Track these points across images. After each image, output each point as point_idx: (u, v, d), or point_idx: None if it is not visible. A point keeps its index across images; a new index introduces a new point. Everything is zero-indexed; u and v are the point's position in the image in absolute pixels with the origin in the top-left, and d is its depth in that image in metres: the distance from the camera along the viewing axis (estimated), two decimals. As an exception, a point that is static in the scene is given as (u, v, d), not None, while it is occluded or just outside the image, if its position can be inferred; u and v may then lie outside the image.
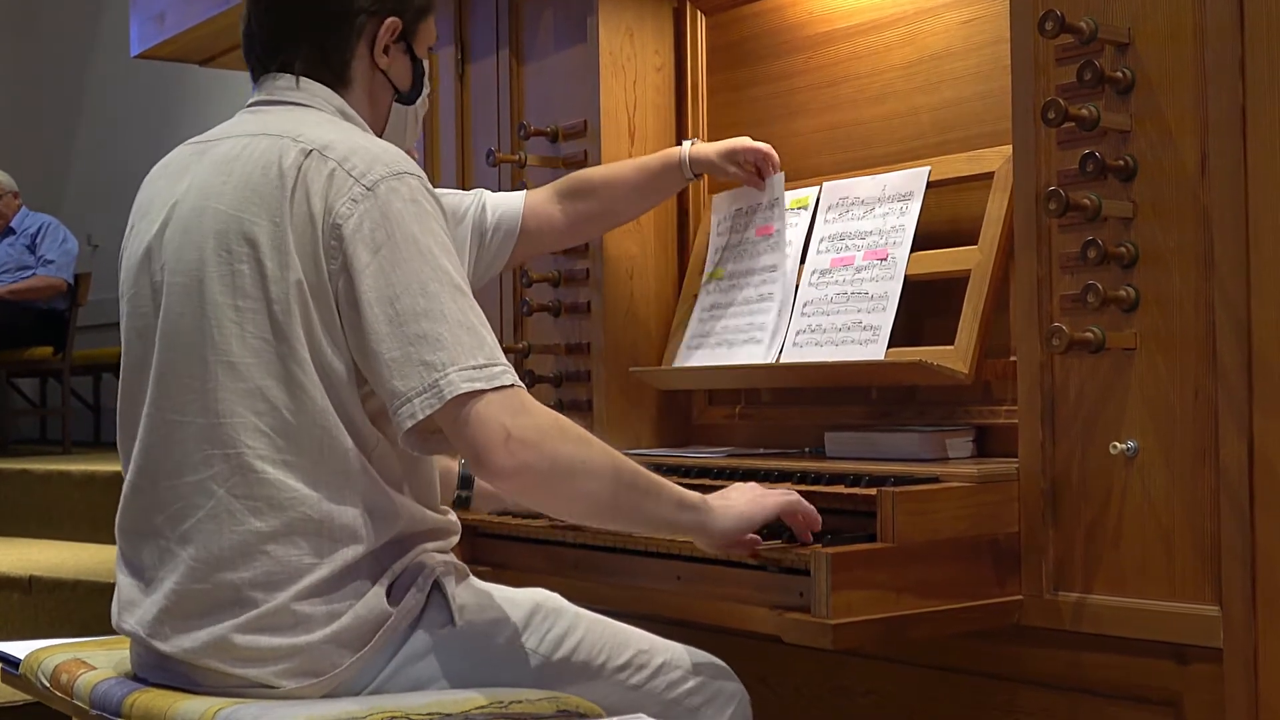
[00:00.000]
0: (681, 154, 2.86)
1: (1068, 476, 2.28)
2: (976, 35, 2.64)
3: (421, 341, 1.96)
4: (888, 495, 2.21)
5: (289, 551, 2.02)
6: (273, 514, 2.01)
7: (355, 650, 2.03)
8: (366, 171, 2.03)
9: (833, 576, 2.14)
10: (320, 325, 2.02)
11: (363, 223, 2.00)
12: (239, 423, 2.03)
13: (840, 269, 2.73)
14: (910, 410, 2.71)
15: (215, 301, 2.05)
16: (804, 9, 2.95)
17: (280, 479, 2.01)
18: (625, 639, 2.20)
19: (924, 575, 2.24)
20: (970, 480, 2.30)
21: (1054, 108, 2.19)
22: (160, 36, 4.45)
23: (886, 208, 2.69)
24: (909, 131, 2.75)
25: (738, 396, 3.05)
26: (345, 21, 2.19)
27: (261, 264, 2.03)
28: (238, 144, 2.12)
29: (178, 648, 2.05)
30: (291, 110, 2.17)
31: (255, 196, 2.05)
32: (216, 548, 2.03)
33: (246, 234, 2.04)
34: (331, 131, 2.10)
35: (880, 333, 2.60)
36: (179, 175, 2.18)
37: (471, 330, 1.98)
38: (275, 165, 2.05)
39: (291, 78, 2.20)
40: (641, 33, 3.14)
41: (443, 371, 1.95)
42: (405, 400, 1.96)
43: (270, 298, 2.02)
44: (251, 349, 2.03)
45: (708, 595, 2.39)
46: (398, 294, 1.98)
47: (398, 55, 2.25)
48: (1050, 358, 2.30)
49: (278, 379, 2.02)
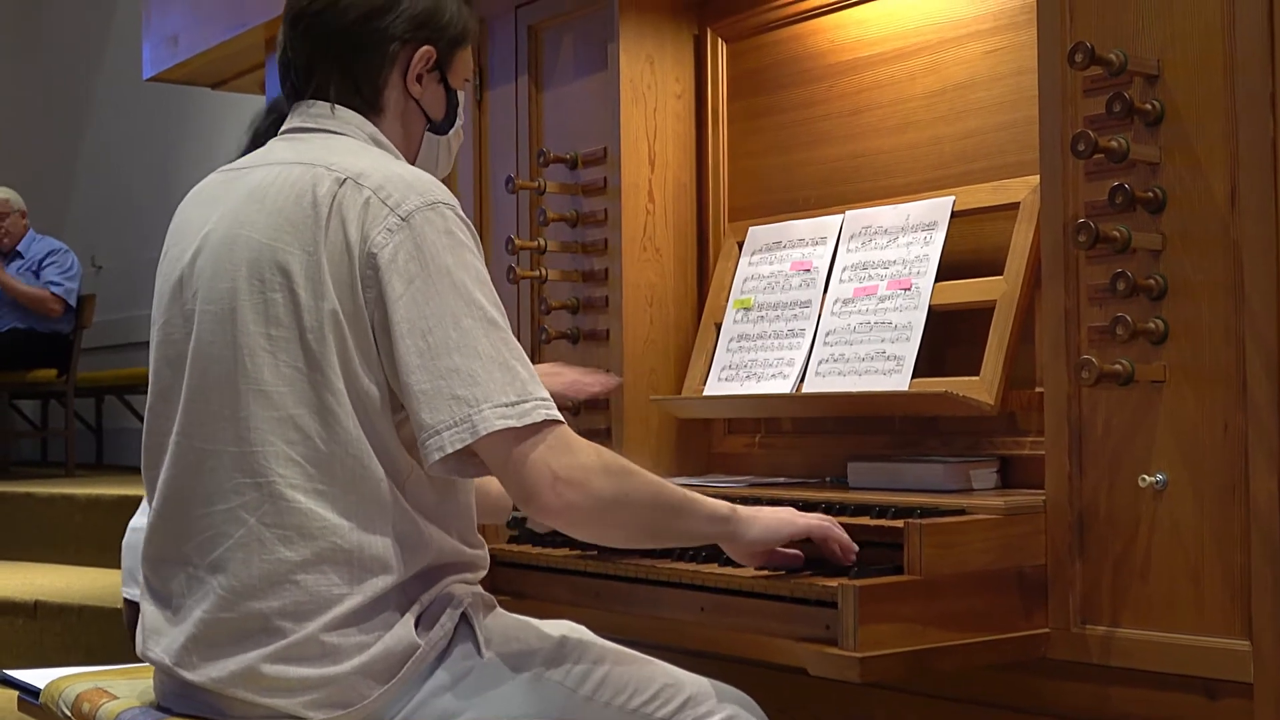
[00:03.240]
0: None
1: (1095, 509, 2.27)
2: (1000, 65, 2.64)
3: (453, 375, 1.96)
4: (915, 528, 2.20)
5: (319, 581, 2.00)
6: (303, 543, 2.00)
7: (383, 682, 2.01)
8: (401, 201, 2.02)
9: (860, 609, 2.13)
10: (356, 353, 2.01)
11: (397, 253, 1.99)
12: (271, 451, 2.02)
13: (863, 298, 2.72)
14: (934, 440, 2.70)
15: (248, 330, 2.04)
16: (826, 37, 2.95)
17: (311, 508, 2.01)
18: (651, 673, 2.19)
19: (951, 608, 2.23)
20: (997, 512, 2.29)
21: (1084, 139, 2.19)
22: (173, 60, 4.46)
23: (910, 237, 2.69)
24: (932, 161, 2.75)
25: (757, 425, 3.05)
26: (378, 49, 2.18)
27: (295, 293, 2.02)
28: (271, 172, 2.12)
29: (205, 677, 2.03)
30: (325, 138, 2.16)
31: (289, 225, 2.05)
32: (246, 576, 2.02)
33: (279, 263, 2.03)
34: (365, 159, 2.10)
35: (904, 363, 2.59)
36: (211, 203, 2.18)
37: (504, 365, 1.98)
38: (309, 194, 2.05)
39: (325, 105, 2.19)
40: (662, 60, 3.14)
41: (476, 407, 1.95)
42: (434, 433, 1.96)
43: (304, 326, 2.01)
44: (284, 378, 2.02)
45: (732, 626, 2.37)
46: (430, 327, 1.97)
47: (431, 85, 2.24)
48: (1078, 389, 2.29)
49: (310, 408, 2.01)
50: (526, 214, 3.32)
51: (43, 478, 7.67)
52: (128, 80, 9.56)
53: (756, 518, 2.22)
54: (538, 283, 3.24)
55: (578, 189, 3.19)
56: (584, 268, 3.17)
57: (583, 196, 3.19)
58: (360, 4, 2.15)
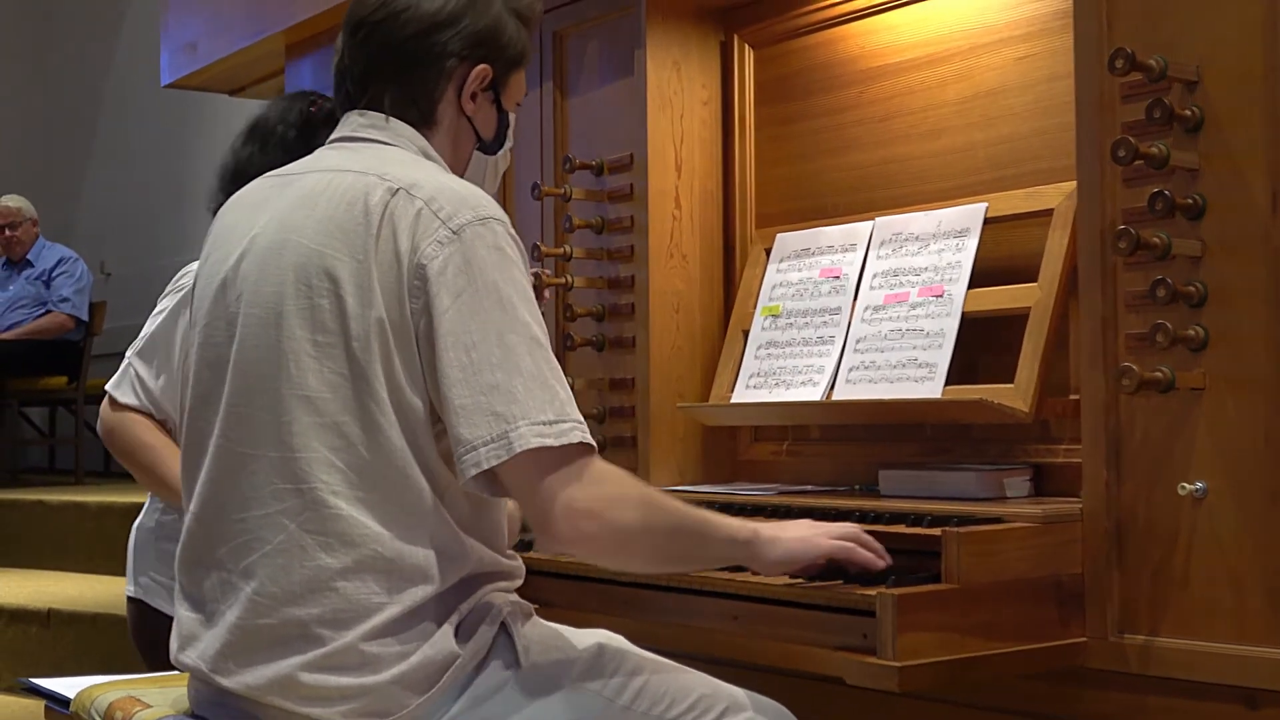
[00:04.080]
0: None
1: (1133, 517, 2.25)
2: (1033, 71, 2.63)
3: (494, 392, 1.95)
4: (953, 536, 2.19)
5: (359, 589, 1.99)
6: (344, 550, 1.99)
7: (422, 692, 2.00)
8: (453, 215, 2.01)
9: (899, 618, 2.11)
10: (400, 363, 2.00)
11: (446, 266, 1.98)
12: (313, 457, 2.01)
13: (894, 305, 2.71)
14: (965, 448, 2.69)
15: (293, 335, 2.03)
16: (856, 44, 2.94)
17: (353, 515, 1.99)
18: (688, 683, 2.17)
19: (988, 617, 2.22)
20: (1034, 521, 2.28)
21: (1125, 146, 2.17)
22: (191, 66, 4.45)
23: (942, 244, 2.68)
24: (963, 167, 2.74)
25: (785, 433, 3.03)
26: (436, 64, 2.18)
27: (342, 300, 2.01)
28: (322, 179, 2.11)
29: (241, 684, 2.02)
30: (376, 148, 2.16)
31: (339, 232, 2.04)
32: (285, 583, 2.00)
33: (328, 269, 2.02)
34: (417, 171, 2.09)
35: (937, 370, 2.58)
36: (258, 208, 2.17)
37: (544, 385, 1.97)
38: (361, 202, 2.04)
39: (379, 115, 2.18)
40: (688, 66, 3.13)
41: (513, 424, 1.93)
42: (470, 448, 1.94)
43: (350, 334, 2.00)
44: (329, 384, 2.01)
45: (766, 636, 2.36)
46: (475, 342, 1.96)
47: (484, 104, 2.23)
48: (1115, 397, 2.27)
49: (354, 415, 2.00)
50: (551, 221, 3.31)
51: (51, 485, 7.66)
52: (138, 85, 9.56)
53: (778, 540, 2.17)
54: (563, 290, 3.23)
55: (603, 195, 3.18)
56: (609, 275, 3.16)
57: (608, 203, 3.17)
58: (421, 18, 2.15)
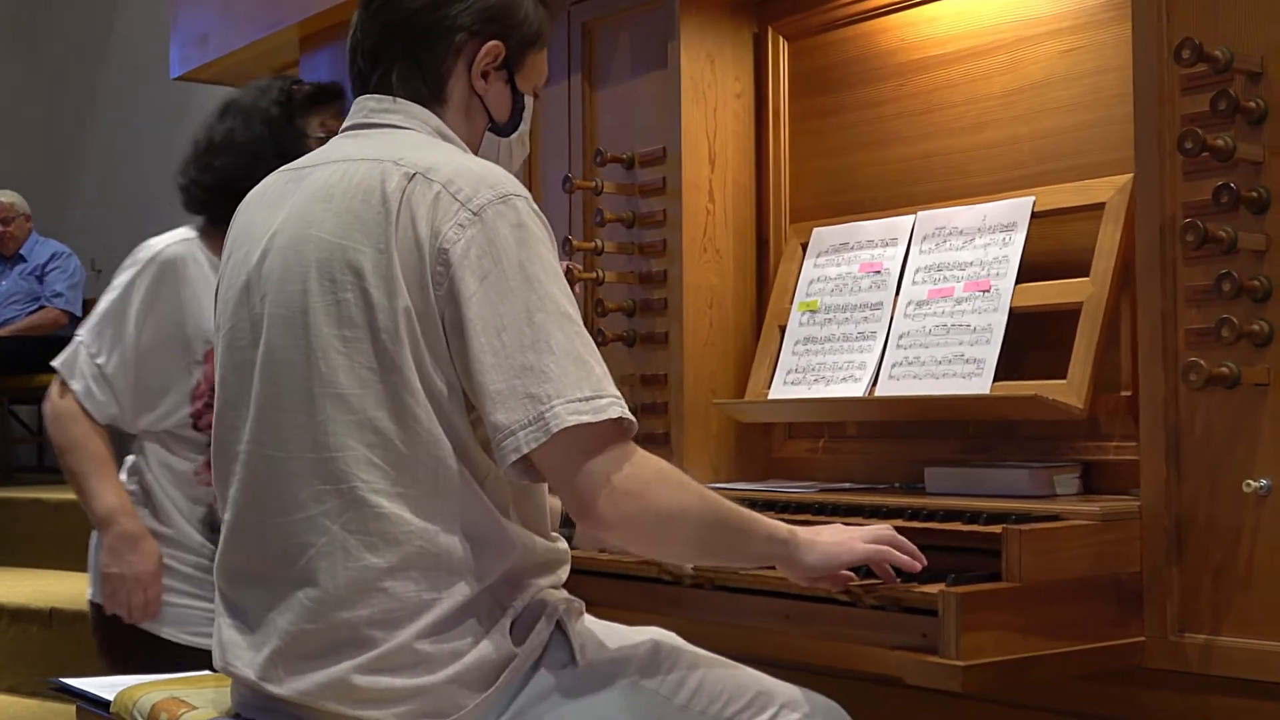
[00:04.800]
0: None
1: (1194, 515, 2.22)
2: (1080, 64, 2.60)
3: (527, 374, 1.90)
4: (1014, 534, 2.16)
5: (406, 587, 1.95)
6: (389, 549, 1.95)
7: (480, 691, 1.96)
8: (472, 195, 1.97)
9: (962, 617, 2.08)
10: (428, 351, 1.96)
11: (469, 249, 1.94)
12: (350, 456, 1.96)
13: (938, 300, 2.67)
14: (1009, 446, 2.65)
15: (320, 332, 1.99)
16: (896, 36, 2.91)
17: (395, 512, 1.95)
18: (743, 680, 2.13)
19: (1048, 616, 2.18)
20: (1093, 518, 2.25)
21: (1192, 138, 2.14)
22: (202, 59, 4.40)
23: (988, 238, 2.64)
24: (1008, 161, 2.70)
25: (820, 430, 2.99)
26: (444, 37, 2.12)
27: (367, 292, 1.97)
28: (336, 170, 2.06)
29: (292, 690, 1.97)
30: (389, 133, 2.11)
31: (358, 223, 1.99)
32: (332, 586, 1.96)
33: (351, 262, 1.98)
34: (433, 153, 2.04)
35: (985, 366, 2.55)
36: (275, 204, 2.12)
37: (578, 360, 1.93)
38: (378, 190, 1.99)
39: (388, 99, 2.13)
40: (722, 58, 3.09)
41: (549, 404, 1.89)
42: (509, 434, 1.90)
43: (378, 326, 1.96)
44: (360, 379, 1.97)
45: (819, 635, 2.33)
46: (504, 324, 1.92)
47: (497, 83, 2.18)
48: (1175, 392, 2.24)
49: (388, 409, 1.96)
50: (581, 214, 3.26)
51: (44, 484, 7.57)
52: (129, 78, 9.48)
53: (815, 543, 2.15)
54: (594, 284, 3.18)
55: (634, 189, 3.14)
56: (640, 269, 3.12)
57: (639, 197, 3.13)
58: None
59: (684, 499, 1.98)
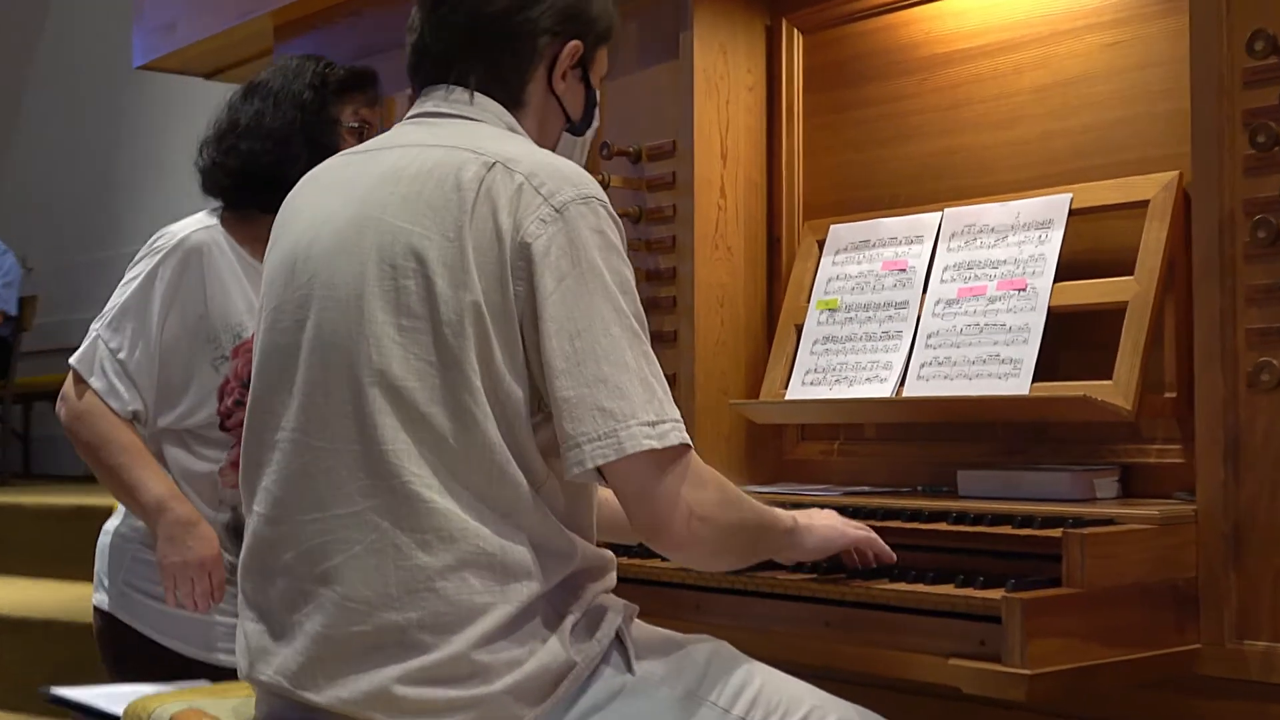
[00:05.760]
0: None
1: (1253, 518, 2.17)
2: (1121, 59, 2.54)
3: (600, 385, 1.83)
4: (1075, 537, 2.09)
5: (460, 589, 1.85)
6: (443, 548, 1.84)
7: (536, 702, 1.86)
8: (555, 191, 1.88)
9: (1026, 623, 2.01)
10: (501, 350, 1.86)
11: (550, 247, 1.86)
12: (402, 449, 1.86)
13: (970, 299, 2.61)
14: (1043, 448, 2.58)
15: (375, 319, 1.88)
16: (919, 29, 2.84)
17: (450, 508, 1.85)
18: (798, 693, 2.05)
19: (1109, 622, 2.12)
20: (1152, 523, 2.19)
21: (1264, 131, 2.09)
22: (168, 47, 4.26)
23: (1022, 235, 2.58)
24: (1041, 157, 2.63)
25: (835, 431, 2.92)
26: (527, 41, 2.05)
27: (430, 281, 1.87)
28: (406, 154, 1.96)
29: (332, 698, 1.86)
30: (463, 124, 2.02)
31: (428, 210, 1.89)
32: (379, 585, 1.85)
33: (415, 248, 1.88)
34: (511, 145, 1.96)
35: (1022, 366, 2.48)
36: (334, 188, 2.03)
37: (646, 382, 1.87)
38: (452, 178, 1.90)
39: (465, 91, 2.04)
40: (734, 50, 3.01)
41: (623, 423, 1.83)
42: (575, 445, 1.84)
43: (439, 318, 1.86)
44: (415, 371, 1.87)
45: (862, 642, 2.24)
46: (579, 330, 1.84)
47: (573, 82, 2.11)
48: (1234, 394, 2.19)
49: (443, 405, 1.86)
50: (584, 209, 3.16)
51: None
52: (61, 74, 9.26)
53: (812, 529, 2.18)
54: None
55: (642, 184, 3.05)
56: (648, 266, 3.02)
57: (647, 192, 3.04)
58: None
59: (742, 515, 2.00)
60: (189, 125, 3.14)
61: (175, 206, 3.54)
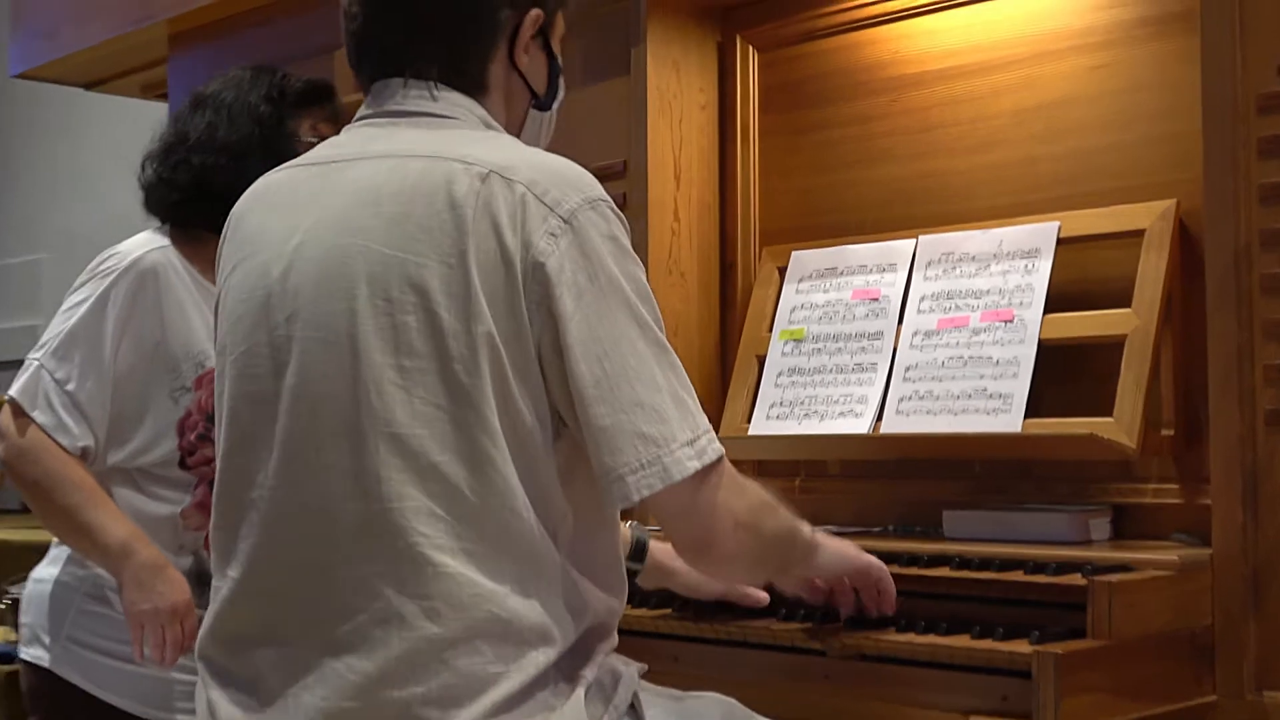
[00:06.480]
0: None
1: (1273, 564, 2.09)
2: (1108, 81, 2.45)
3: (636, 410, 1.67)
4: (1104, 586, 1.99)
5: (471, 660, 1.67)
6: (453, 615, 1.66)
7: (549, 776, 1.69)
8: (561, 199, 1.71)
9: (1060, 680, 1.89)
10: (517, 383, 1.69)
11: (564, 263, 1.68)
12: (409, 507, 1.67)
13: (951, 330, 2.49)
14: (1027, 487, 2.48)
15: (372, 361, 1.69)
16: (886, 48, 2.72)
17: (461, 572, 1.67)
18: (815, 752, 1.92)
19: (1132, 675, 2.02)
20: (1171, 568, 2.09)
21: (1294, 159, 2.01)
22: (50, 55, 3.99)
23: (1006, 265, 2.47)
24: (1023, 183, 2.54)
25: (796, 468, 2.78)
26: (488, 16, 1.84)
27: (434, 314, 1.68)
28: (379, 167, 1.76)
29: (326, 778, 1.67)
30: (434, 124, 1.81)
31: (420, 232, 1.70)
32: (382, 659, 1.66)
33: (412, 278, 1.69)
34: (499, 148, 1.77)
35: (1012, 401, 2.37)
36: (295, 207, 1.80)
37: (677, 397, 1.72)
38: (443, 194, 1.71)
39: (424, 84, 1.84)
40: (687, 67, 2.88)
41: (666, 447, 1.68)
42: (617, 477, 1.68)
43: (448, 355, 1.68)
44: (422, 418, 1.68)
45: (868, 697, 2.11)
46: (606, 351, 1.68)
47: (535, 53, 1.90)
48: (1252, 432, 2.10)
49: (457, 452, 1.68)
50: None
51: None
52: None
53: (827, 544, 2.05)
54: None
55: (589, 206, 2.88)
56: (595, 293, 2.86)
57: (595, 214, 2.88)
58: None
59: (780, 520, 1.88)
60: (67, 139, 2.91)
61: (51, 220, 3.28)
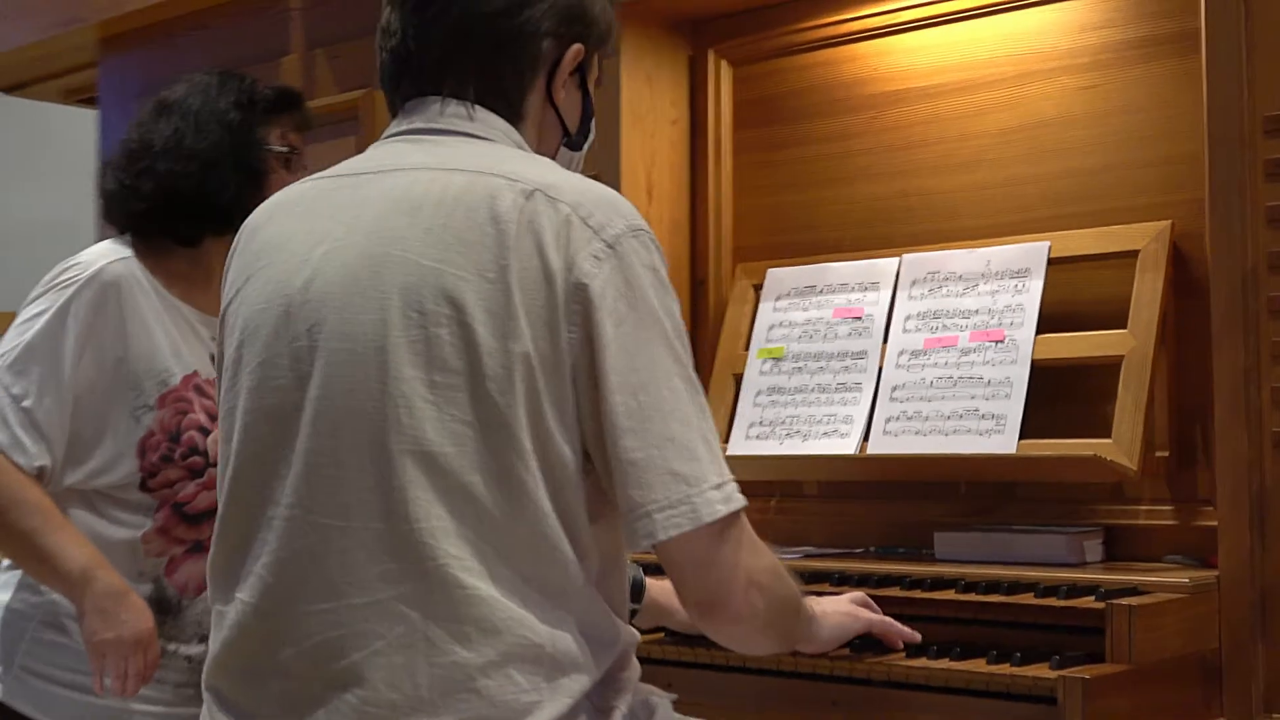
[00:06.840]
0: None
1: None
2: (1099, 102, 2.45)
3: (669, 445, 1.62)
4: (1124, 609, 1.97)
5: (504, 687, 1.60)
6: (484, 641, 1.60)
7: (590, 812, 1.63)
8: (605, 223, 1.65)
9: (1087, 705, 1.88)
10: (550, 407, 1.62)
11: (606, 288, 1.63)
12: (437, 528, 1.60)
13: (939, 350, 2.47)
14: (1015, 508, 2.46)
15: (401, 375, 1.62)
16: (865, 65, 2.70)
17: (493, 595, 1.60)
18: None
19: (1152, 698, 2.01)
20: (1184, 591, 2.08)
21: (1309, 182, 2.01)
22: (-34, 57, 3.84)
23: (995, 284, 2.46)
24: (1011, 204, 2.52)
25: (772, 488, 2.74)
26: (529, 45, 1.79)
27: (469, 329, 1.62)
28: (420, 177, 1.70)
29: (348, 816, 1.60)
30: (472, 143, 1.76)
31: (458, 244, 1.64)
32: (409, 687, 1.59)
33: (448, 292, 1.62)
34: (543, 169, 1.71)
35: (1006, 422, 2.36)
36: (323, 214, 1.73)
37: (707, 440, 1.66)
38: (485, 208, 1.64)
39: (462, 105, 1.78)
40: (659, 81, 2.84)
41: (697, 487, 1.62)
42: (645, 514, 1.61)
43: (482, 373, 1.61)
44: (452, 435, 1.61)
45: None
46: (643, 382, 1.62)
47: (571, 90, 1.85)
48: (1260, 455, 2.10)
49: (488, 473, 1.61)
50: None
51: None
52: None
53: (827, 617, 2.05)
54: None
55: (558, 221, 2.83)
56: (565, 309, 2.81)
57: (564, 229, 2.83)
58: None
59: (788, 588, 1.80)
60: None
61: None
